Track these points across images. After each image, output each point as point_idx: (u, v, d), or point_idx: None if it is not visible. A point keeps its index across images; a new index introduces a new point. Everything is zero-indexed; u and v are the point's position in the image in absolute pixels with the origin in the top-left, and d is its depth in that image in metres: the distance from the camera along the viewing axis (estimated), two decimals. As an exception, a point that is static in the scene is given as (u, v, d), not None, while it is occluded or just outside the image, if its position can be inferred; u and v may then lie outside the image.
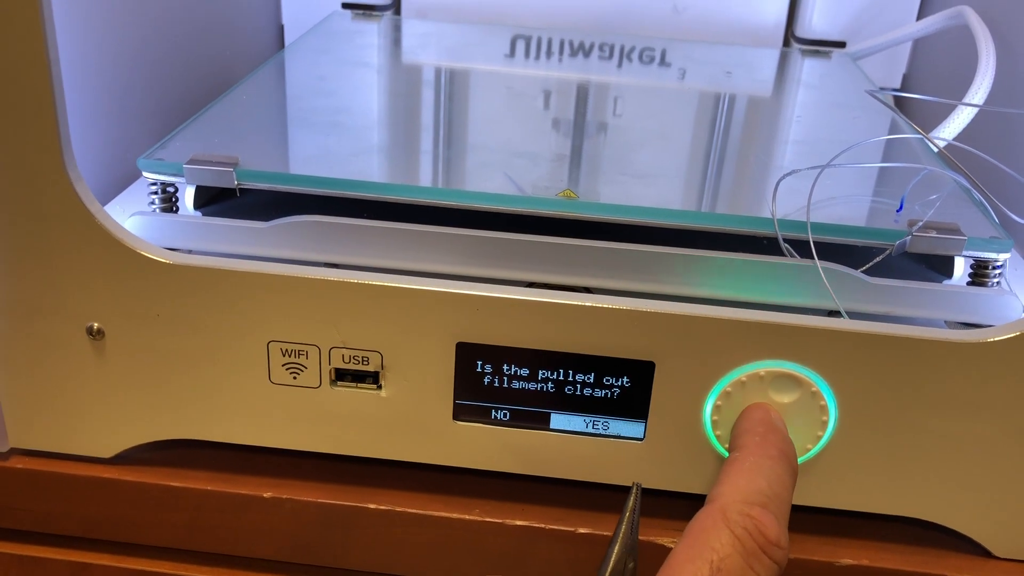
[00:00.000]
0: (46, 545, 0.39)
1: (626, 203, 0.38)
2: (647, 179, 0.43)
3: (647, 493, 0.35)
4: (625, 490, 0.35)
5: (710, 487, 0.35)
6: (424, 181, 0.42)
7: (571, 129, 0.49)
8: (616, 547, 0.29)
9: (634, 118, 0.53)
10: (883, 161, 0.45)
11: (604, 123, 0.51)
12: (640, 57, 0.64)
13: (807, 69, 0.64)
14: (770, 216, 0.37)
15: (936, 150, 0.41)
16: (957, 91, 0.51)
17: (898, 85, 0.73)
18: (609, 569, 0.28)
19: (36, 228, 0.33)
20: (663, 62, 0.63)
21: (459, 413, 0.35)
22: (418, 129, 0.48)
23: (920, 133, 0.37)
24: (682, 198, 0.42)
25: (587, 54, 0.64)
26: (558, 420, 0.34)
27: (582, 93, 0.57)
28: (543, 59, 0.63)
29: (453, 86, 0.56)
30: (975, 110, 0.46)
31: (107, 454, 0.37)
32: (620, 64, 0.63)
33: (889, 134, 0.49)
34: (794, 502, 0.35)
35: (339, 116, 0.47)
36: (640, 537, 0.35)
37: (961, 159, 0.41)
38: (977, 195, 0.40)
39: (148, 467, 0.37)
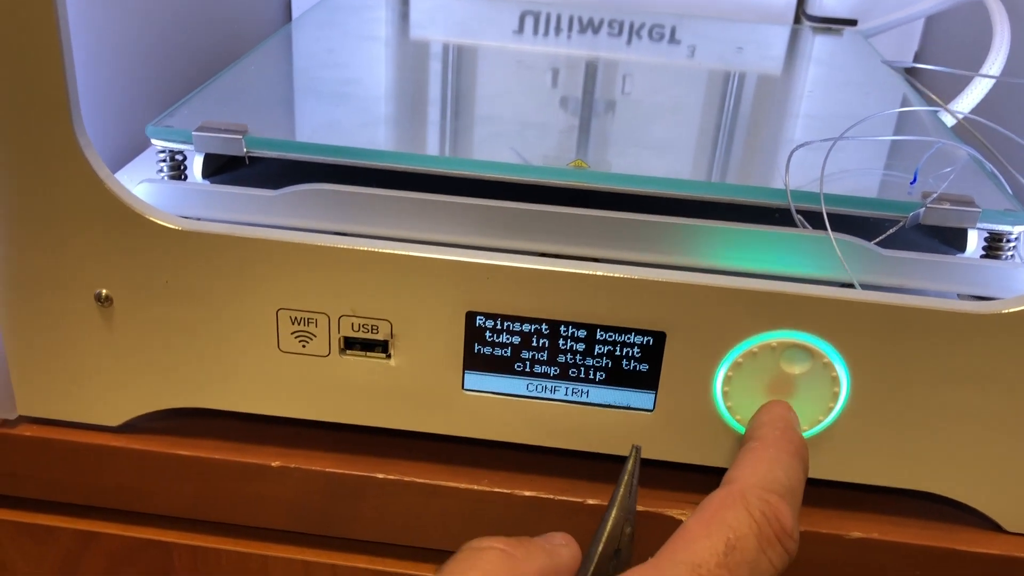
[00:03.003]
0: (54, 513, 0.39)
1: (637, 173, 0.38)
2: (659, 151, 0.42)
3: (656, 464, 0.35)
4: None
5: (718, 459, 0.35)
6: (434, 151, 0.41)
7: (581, 103, 0.49)
8: (614, 511, 0.28)
9: (644, 93, 0.52)
10: (896, 135, 0.45)
11: (614, 98, 0.51)
12: (650, 34, 0.63)
13: (818, 46, 0.63)
14: (783, 187, 0.37)
15: (953, 122, 0.41)
16: (970, 68, 0.50)
17: (909, 63, 0.72)
18: (606, 534, 0.28)
19: (45, 194, 0.33)
20: (673, 39, 0.63)
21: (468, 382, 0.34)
22: (428, 101, 0.48)
23: (939, 104, 0.37)
24: (694, 169, 0.42)
25: (596, 31, 0.64)
26: (567, 390, 0.34)
27: (591, 69, 0.56)
28: (552, 35, 0.62)
29: (461, 60, 0.56)
30: (991, 83, 0.46)
31: (114, 422, 0.37)
32: (629, 41, 0.62)
33: (903, 108, 0.49)
34: (805, 474, 0.35)
35: (348, 87, 0.47)
36: (648, 508, 0.35)
37: (974, 133, 0.41)
38: (990, 168, 0.39)
39: (155, 436, 0.37)
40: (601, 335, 0.33)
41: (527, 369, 0.34)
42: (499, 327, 0.33)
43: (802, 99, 0.53)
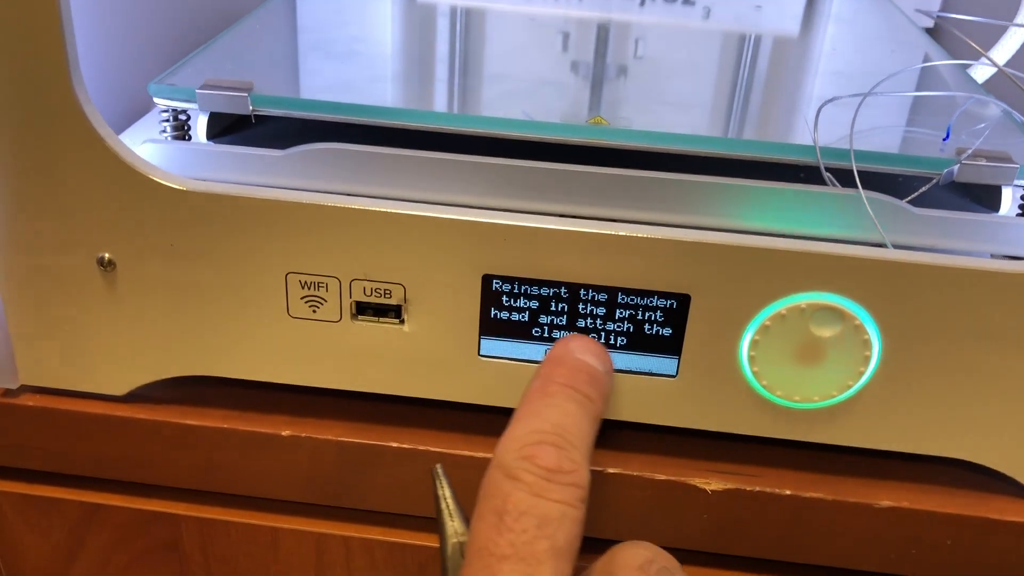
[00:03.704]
0: (58, 485, 0.38)
1: (660, 130, 0.37)
2: (680, 108, 0.41)
3: (679, 432, 0.34)
4: (657, 429, 0.34)
5: (743, 426, 0.34)
6: (446, 109, 0.40)
7: (595, 64, 0.47)
8: (442, 539, 0.29)
9: (662, 52, 0.51)
10: (925, 91, 0.43)
11: (631, 58, 0.49)
12: (664, -7, 0.62)
13: (839, 3, 0.62)
14: (810, 144, 0.35)
15: (984, 78, 0.39)
16: (993, 28, 0.49)
17: (931, 23, 0.70)
18: (447, 564, 0.29)
19: (44, 154, 0.32)
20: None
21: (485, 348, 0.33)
22: (438, 60, 0.46)
23: (981, 52, 0.35)
24: (717, 127, 0.40)
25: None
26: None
27: (604, 31, 0.55)
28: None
29: (471, 20, 0.54)
30: (1024, 35, 0.44)
31: (120, 391, 0.36)
32: (643, 1, 0.61)
33: (933, 63, 0.47)
34: (833, 442, 0.34)
35: (355, 45, 0.46)
36: (671, 478, 0.34)
37: (1007, 87, 0.40)
38: (1022, 120, 0.38)
39: (162, 405, 0.36)
40: (622, 298, 0.32)
41: (545, 334, 0.33)
42: (516, 291, 0.32)
43: (825, 56, 0.51)
